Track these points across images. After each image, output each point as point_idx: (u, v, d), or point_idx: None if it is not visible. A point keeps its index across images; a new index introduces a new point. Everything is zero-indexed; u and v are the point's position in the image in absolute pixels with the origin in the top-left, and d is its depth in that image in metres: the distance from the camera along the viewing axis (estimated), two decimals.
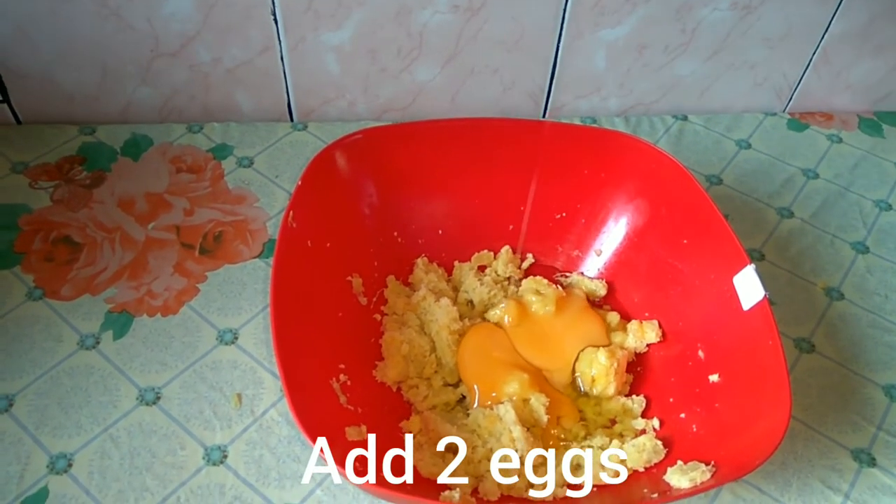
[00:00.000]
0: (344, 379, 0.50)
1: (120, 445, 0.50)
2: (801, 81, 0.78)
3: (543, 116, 0.78)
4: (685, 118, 0.78)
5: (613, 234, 0.60)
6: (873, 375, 0.57)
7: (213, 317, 0.57)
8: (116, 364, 0.54)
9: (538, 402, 0.50)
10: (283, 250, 0.49)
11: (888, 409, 0.56)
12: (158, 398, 0.53)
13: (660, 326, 0.55)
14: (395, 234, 0.59)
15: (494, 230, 0.61)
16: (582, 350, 0.54)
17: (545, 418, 0.50)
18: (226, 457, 0.50)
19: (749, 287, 0.49)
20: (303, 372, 0.46)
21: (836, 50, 0.75)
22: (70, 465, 0.49)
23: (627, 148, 0.58)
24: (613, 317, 0.57)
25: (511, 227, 0.61)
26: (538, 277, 0.58)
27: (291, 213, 0.50)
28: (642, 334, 0.55)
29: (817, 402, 0.56)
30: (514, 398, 0.51)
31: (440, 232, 0.60)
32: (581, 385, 0.54)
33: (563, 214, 0.61)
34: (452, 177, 0.59)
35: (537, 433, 0.50)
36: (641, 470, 0.48)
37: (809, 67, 0.77)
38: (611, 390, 0.52)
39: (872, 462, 0.53)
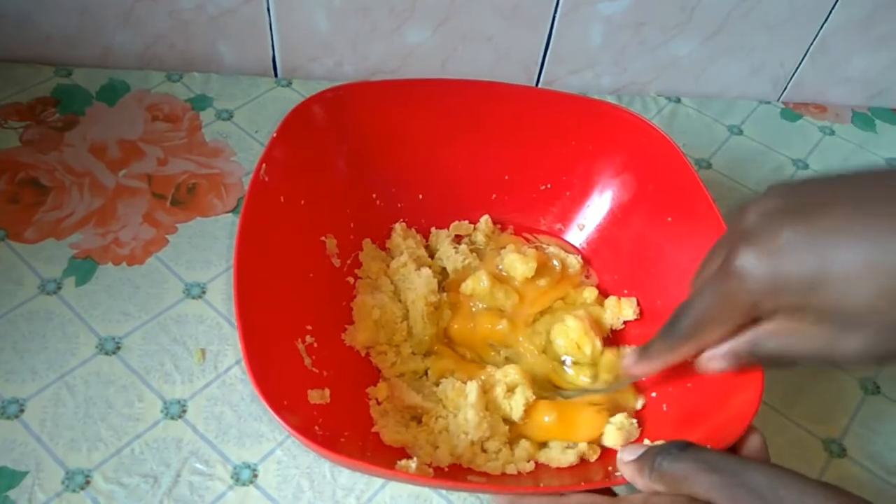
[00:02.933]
0: (310, 340, 0.48)
1: (76, 394, 0.49)
2: (798, 71, 0.77)
3: None
4: (678, 100, 0.77)
5: (597, 207, 0.58)
6: None
7: (181, 269, 0.56)
8: (77, 311, 0.52)
9: (521, 395, 0.47)
10: (252, 203, 0.47)
11: (862, 401, 0.55)
12: (118, 348, 0.51)
13: (638, 304, 0.54)
14: (374, 195, 0.57)
15: (476, 198, 0.59)
16: (549, 329, 0.52)
17: (521, 413, 0.47)
18: (185, 411, 0.49)
19: None
20: (266, 330, 0.44)
21: (836, 40, 0.74)
22: (22, 411, 0.47)
23: (617, 120, 0.56)
24: (591, 292, 0.56)
25: (493, 196, 0.60)
26: (517, 238, 0.57)
27: (264, 166, 0.48)
28: (619, 311, 0.54)
29: (791, 391, 0.55)
30: (504, 382, 0.48)
31: (420, 197, 0.59)
32: (570, 358, 0.51)
33: (548, 185, 0.59)
34: (436, 139, 0.57)
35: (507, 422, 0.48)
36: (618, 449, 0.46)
37: (806, 57, 0.76)
38: (598, 343, 0.51)
39: (843, 453, 0.52)
